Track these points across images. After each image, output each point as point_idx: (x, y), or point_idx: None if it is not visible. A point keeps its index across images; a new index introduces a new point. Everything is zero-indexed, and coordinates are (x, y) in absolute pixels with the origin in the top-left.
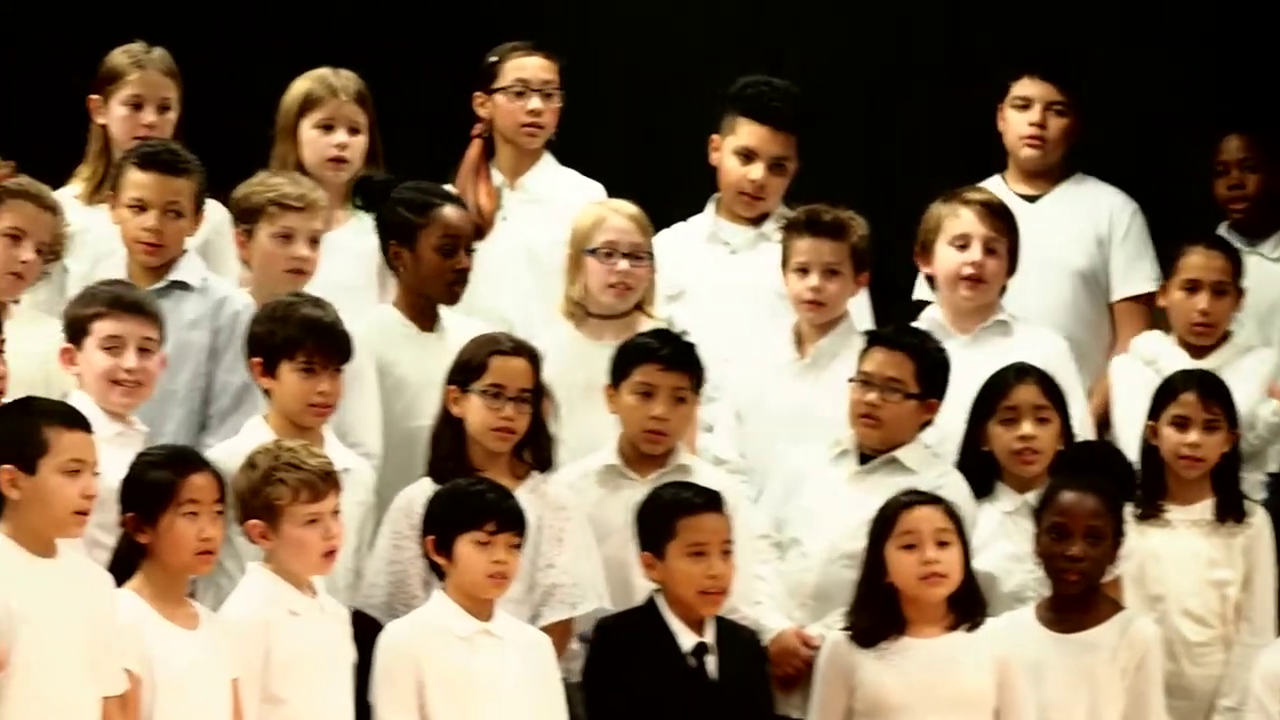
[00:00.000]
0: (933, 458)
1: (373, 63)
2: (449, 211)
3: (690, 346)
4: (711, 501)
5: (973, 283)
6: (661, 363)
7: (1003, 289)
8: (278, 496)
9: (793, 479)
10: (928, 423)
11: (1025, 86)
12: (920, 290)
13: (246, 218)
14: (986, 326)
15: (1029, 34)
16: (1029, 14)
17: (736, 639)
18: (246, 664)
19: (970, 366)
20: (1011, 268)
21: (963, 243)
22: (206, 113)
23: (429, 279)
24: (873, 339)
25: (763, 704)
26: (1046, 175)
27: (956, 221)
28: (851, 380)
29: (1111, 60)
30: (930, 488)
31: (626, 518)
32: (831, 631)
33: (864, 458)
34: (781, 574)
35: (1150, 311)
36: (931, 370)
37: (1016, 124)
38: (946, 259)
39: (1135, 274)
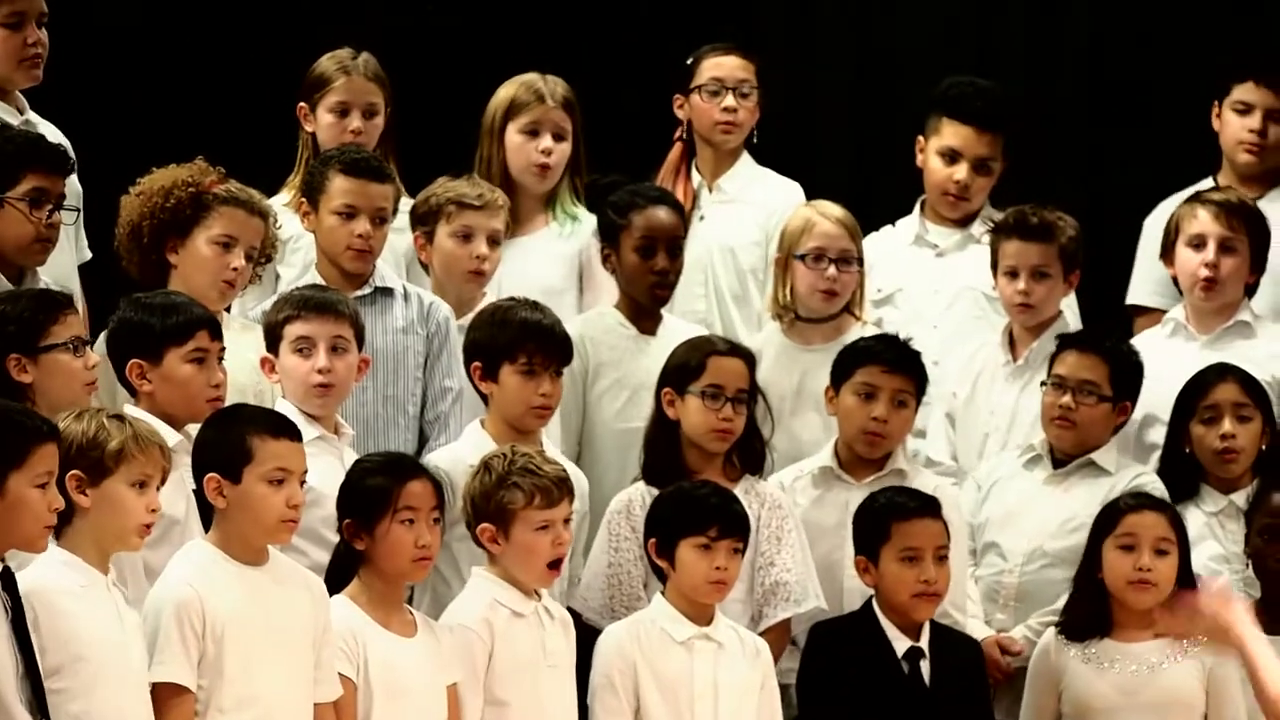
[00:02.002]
0: (1129, 460)
1: (580, 66)
2: (649, 213)
3: (915, 352)
4: (927, 506)
5: (1208, 283)
6: (885, 365)
7: (1250, 289)
8: (511, 501)
9: (984, 485)
10: (1120, 425)
11: (1248, 91)
12: (1135, 294)
13: (426, 220)
14: (1228, 327)
15: (1250, 37)
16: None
17: (952, 644)
18: (471, 667)
19: None
20: (1257, 267)
21: (1199, 243)
22: (415, 118)
23: (632, 280)
24: (1065, 342)
25: (979, 711)
26: (1262, 179)
27: (1194, 222)
28: (1044, 384)
29: None
30: (1126, 490)
31: (840, 520)
32: (1043, 634)
33: (1056, 461)
34: (978, 578)
35: None
36: (1125, 373)
37: (1235, 128)
38: (1185, 260)
39: None
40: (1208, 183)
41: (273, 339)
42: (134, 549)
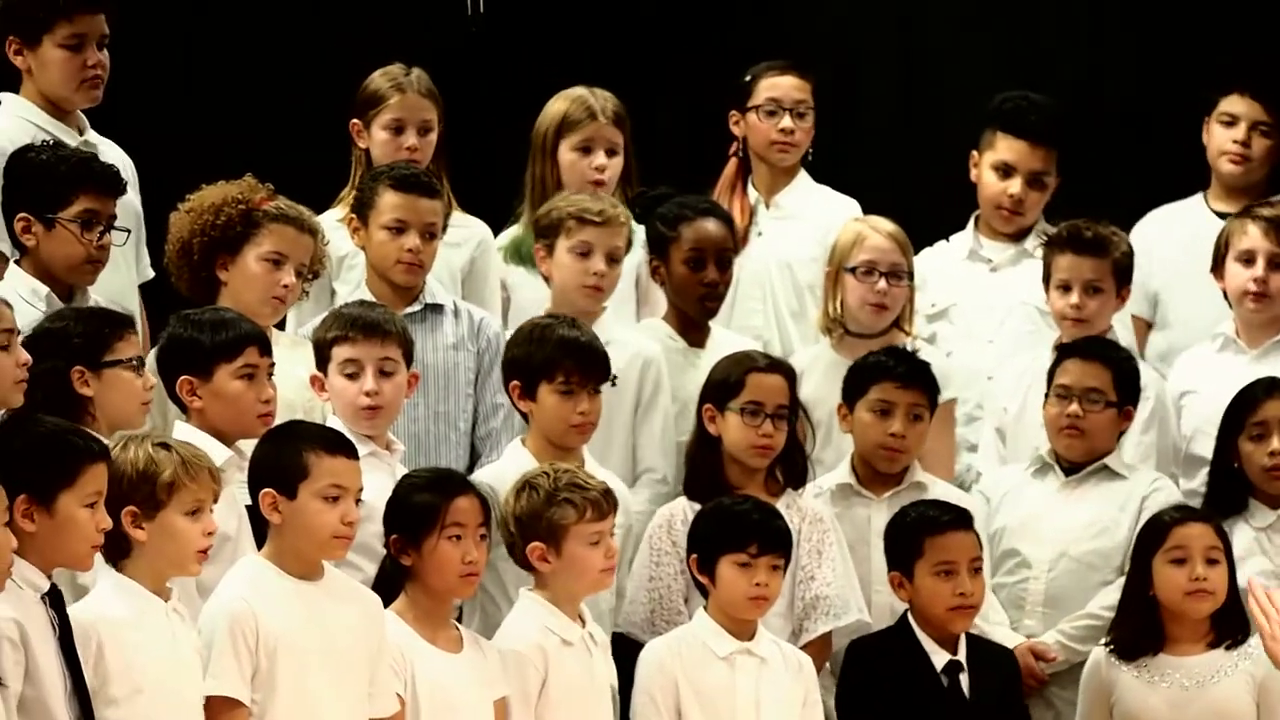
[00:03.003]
0: (1137, 464)
1: (629, 81)
2: (698, 225)
3: (926, 365)
4: (959, 519)
5: (1256, 298)
6: (898, 380)
7: None
8: (563, 517)
9: (993, 497)
10: (1124, 431)
11: (1233, 103)
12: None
13: (546, 233)
14: (1277, 341)
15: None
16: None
17: (990, 656)
18: (523, 691)
19: None
20: None
21: (1248, 258)
22: (468, 133)
23: (680, 292)
24: (1065, 351)
25: None
26: (1247, 191)
27: (1244, 237)
28: (1048, 394)
29: None
30: (1144, 494)
31: (861, 535)
32: (1095, 650)
33: (1065, 469)
34: (999, 587)
35: None
36: (1127, 378)
37: (1220, 139)
38: (1234, 274)
39: None
40: (1197, 198)
41: (322, 358)
42: (194, 574)
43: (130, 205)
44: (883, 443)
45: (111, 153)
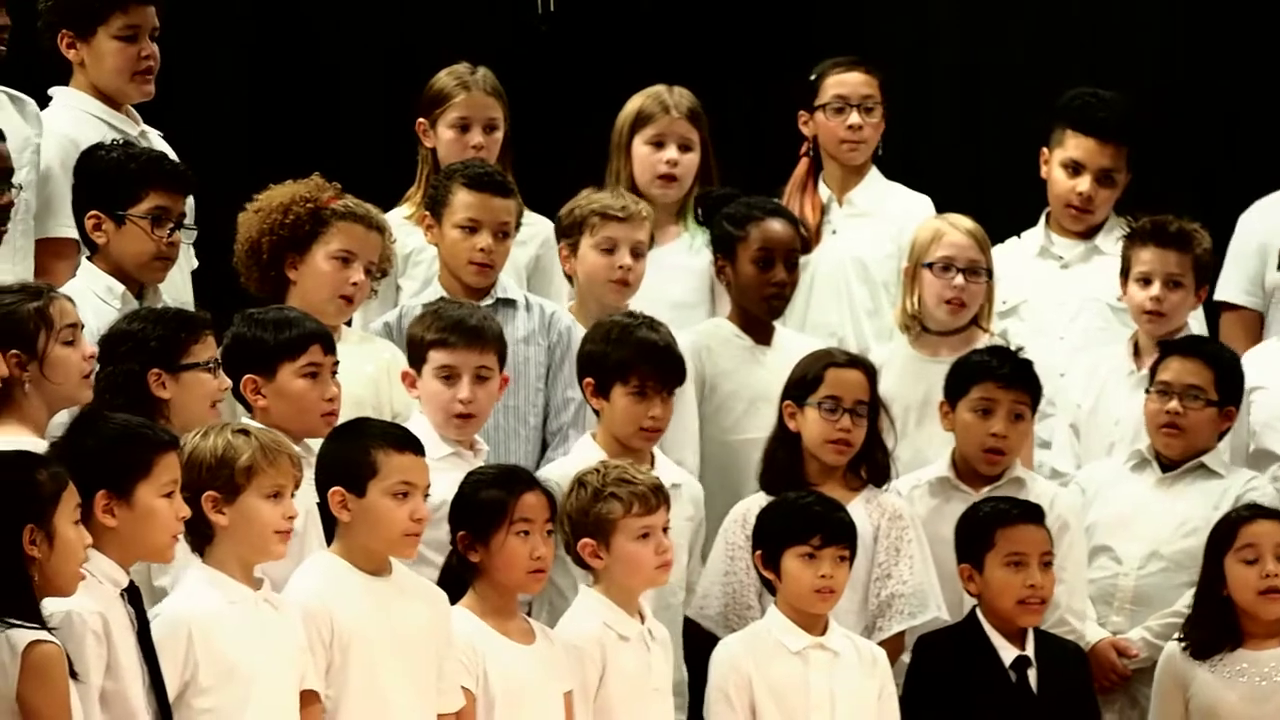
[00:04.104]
0: (1238, 465)
1: (696, 81)
2: (766, 225)
3: (1028, 364)
4: (1030, 513)
5: None
6: (1001, 381)
7: None
8: (609, 512)
9: (1090, 491)
10: (1225, 430)
11: None
12: (1224, 291)
13: (570, 232)
14: None
15: None
16: None
17: (1059, 652)
18: (583, 684)
19: None
20: None
21: None
22: (536, 131)
23: (747, 291)
24: (1168, 348)
25: (1087, 718)
26: None
27: None
28: (1148, 391)
29: None
30: (1239, 493)
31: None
32: (1161, 639)
33: (1164, 465)
34: (1090, 581)
35: None
36: (1229, 377)
37: None
38: None
39: None
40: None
41: (416, 356)
42: (278, 558)
43: None
44: (983, 443)
45: (158, 144)
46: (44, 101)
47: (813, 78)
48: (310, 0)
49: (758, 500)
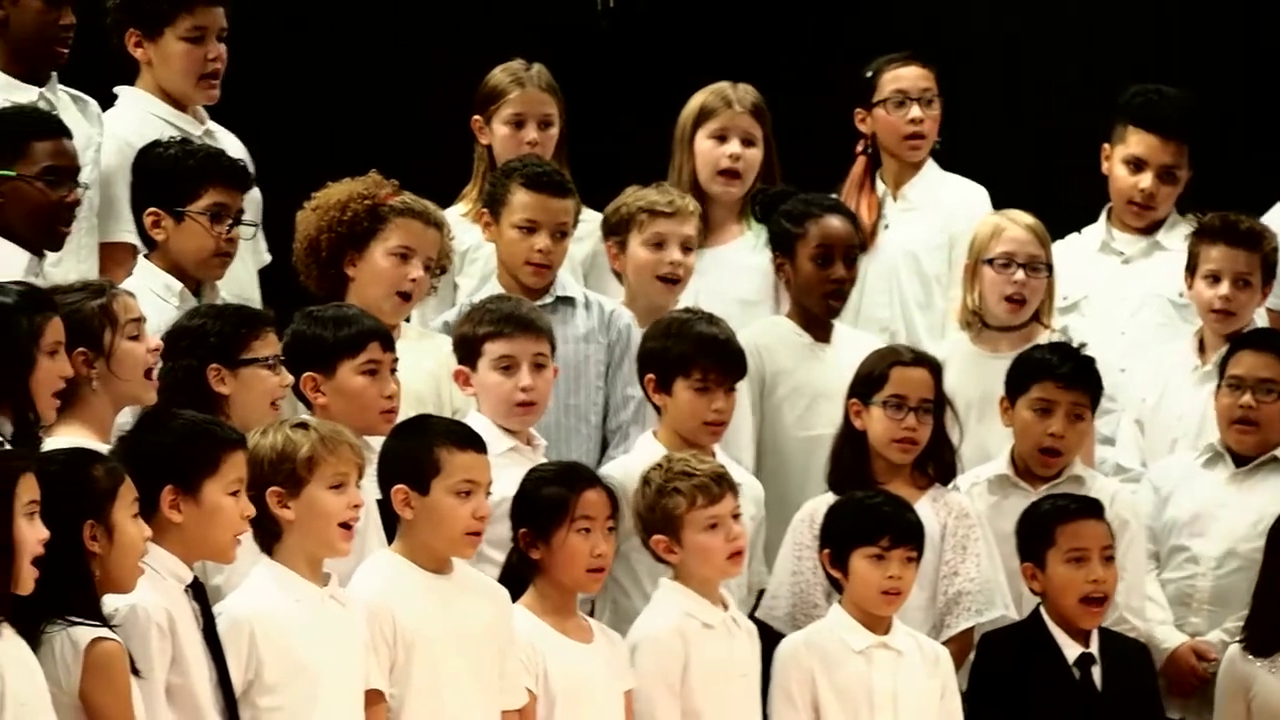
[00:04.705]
0: None
1: (754, 79)
2: (825, 222)
3: (1089, 362)
4: (1089, 508)
5: None
6: (1061, 380)
7: None
8: (675, 507)
9: (1165, 490)
10: None
11: None
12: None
13: (618, 230)
14: None
15: None
16: None
17: (1123, 650)
18: (664, 678)
19: None
20: None
21: None
22: (595, 128)
23: (806, 289)
24: (1239, 343)
25: (1151, 717)
26: None
27: None
28: (1219, 386)
29: None
30: None
31: (1016, 527)
32: (1230, 645)
33: (1237, 459)
34: (1166, 582)
35: None
36: None
37: None
38: None
39: None
40: None
41: (469, 352)
42: (343, 553)
43: (252, 195)
44: (1041, 442)
45: (230, 143)
46: (111, 100)
47: (868, 75)
48: None
49: (825, 499)
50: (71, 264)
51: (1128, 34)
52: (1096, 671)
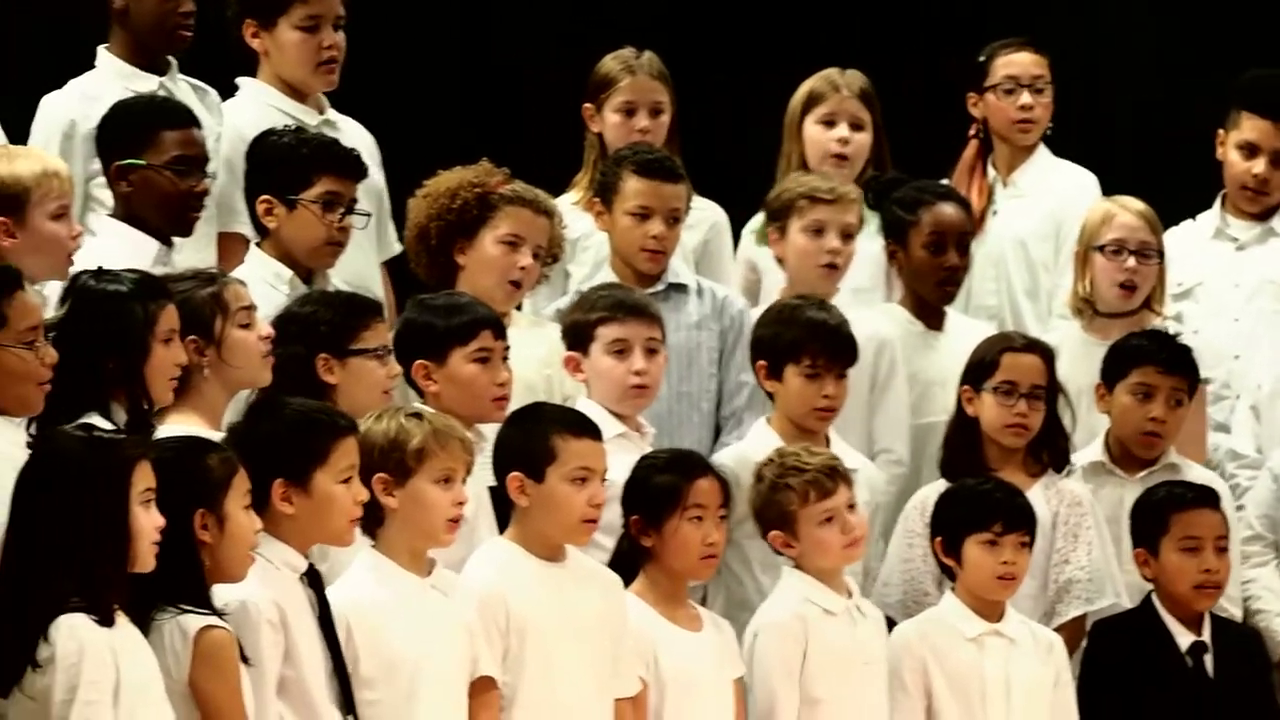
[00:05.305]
0: None
1: (884, 64)
2: (938, 209)
3: (1187, 350)
4: (1205, 497)
5: None
6: (1161, 365)
7: None
8: (788, 502)
9: None
10: None
11: None
12: None
13: (778, 215)
14: None
15: None
16: None
17: (1235, 638)
18: (784, 665)
19: None
20: None
21: None
22: (707, 115)
23: (918, 276)
24: None
25: (1264, 705)
26: None
27: None
28: None
29: None
30: None
31: (1114, 514)
32: None
33: None
34: None
35: None
36: None
37: None
38: None
39: None
40: None
41: (581, 338)
42: (445, 545)
43: (374, 184)
44: (1142, 427)
45: (354, 132)
46: (232, 90)
47: (981, 59)
48: None
49: (936, 487)
50: (190, 254)
51: (1244, 19)
52: (1209, 660)
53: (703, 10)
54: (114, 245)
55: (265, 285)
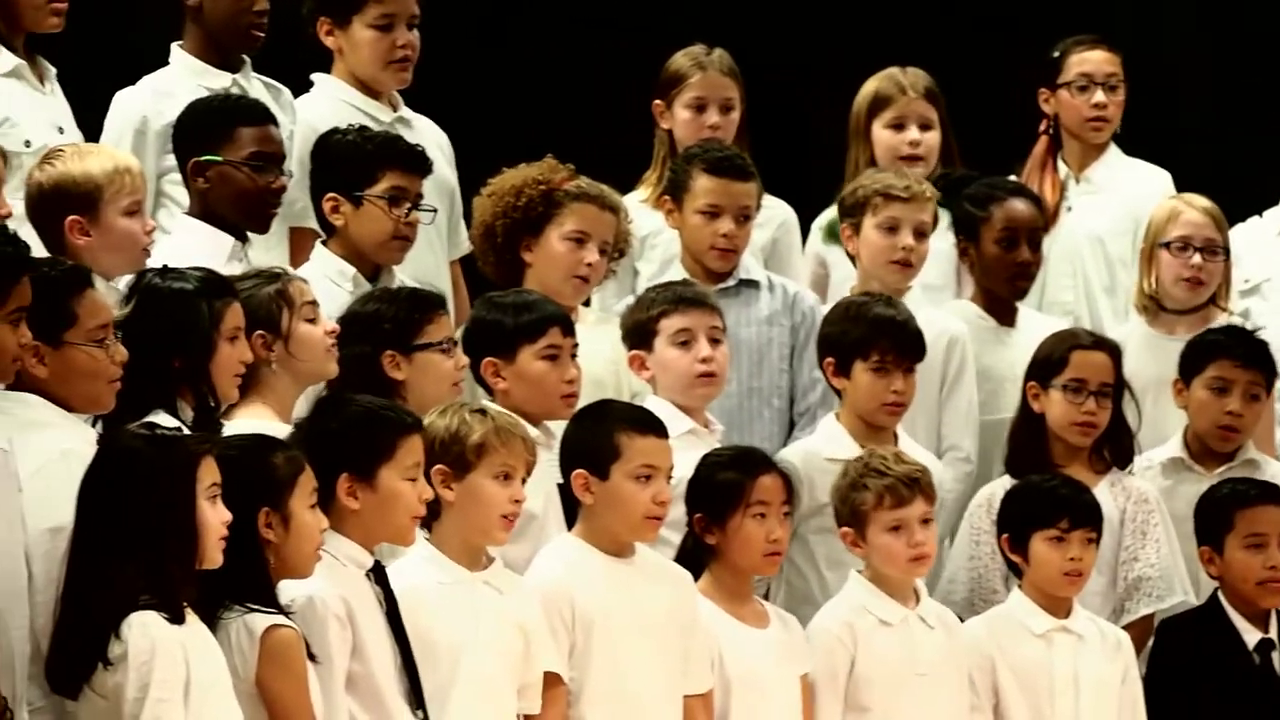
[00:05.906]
0: None
1: (933, 62)
2: (1009, 205)
3: (1264, 344)
4: (1269, 493)
5: None
6: (1238, 359)
7: None
8: (862, 502)
9: None
10: None
11: None
12: None
13: (853, 212)
14: None
15: None
16: None
17: None
18: (830, 670)
19: None
20: None
21: None
22: (775, 112)
23: (990, 272)
24: None
25: None
26: None
27: None
28: None
29: None
30: None
31: (1189, 511)
32: None
33: None
34: None
35: None
36: None
37: None
38: None
39: None
40: None
41: (644, 335)
42: (499, 542)
43: (445, 181)
44: (1219, 421)
45: (427, 129)
46: (303, 90)
47: (1055, 55)
48: None
49: (1002, 484)
50: (261, 250)
51: None
52: (1276, 657)
53: (770, 7)
54: (190, 242)
55: (329, 282)
